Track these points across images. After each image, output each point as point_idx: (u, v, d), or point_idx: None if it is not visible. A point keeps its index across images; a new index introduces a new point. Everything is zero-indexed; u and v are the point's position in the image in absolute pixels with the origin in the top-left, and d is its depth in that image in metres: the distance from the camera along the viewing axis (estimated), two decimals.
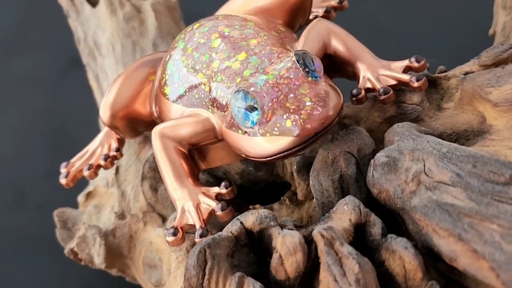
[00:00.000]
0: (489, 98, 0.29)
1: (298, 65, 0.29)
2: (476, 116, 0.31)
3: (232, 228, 0.29)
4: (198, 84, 0.33)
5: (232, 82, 0.31)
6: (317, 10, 0.42)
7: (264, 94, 0.29)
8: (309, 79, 0.29)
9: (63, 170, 0.39)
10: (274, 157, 0.29)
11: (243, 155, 0.31)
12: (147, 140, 0.41)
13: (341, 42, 0.34)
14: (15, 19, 0.69)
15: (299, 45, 0.34)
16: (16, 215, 0.56)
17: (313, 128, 0.28)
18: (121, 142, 0.39)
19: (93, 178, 0.39)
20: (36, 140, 0.61)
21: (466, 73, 0.34)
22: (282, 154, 0.29)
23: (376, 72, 0.33)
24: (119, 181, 0.41)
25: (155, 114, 0.36)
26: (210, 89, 0.32)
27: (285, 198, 0.37)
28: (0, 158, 0.59)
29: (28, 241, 0.54)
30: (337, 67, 0.35)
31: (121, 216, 0.40)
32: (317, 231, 0.26)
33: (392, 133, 0.31)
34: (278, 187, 0.40)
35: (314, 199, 0.33)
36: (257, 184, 0.40)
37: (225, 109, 0.31)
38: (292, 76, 0.29)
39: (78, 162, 0.40)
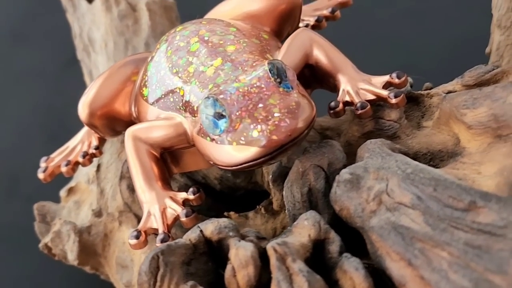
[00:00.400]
0: (464, 120, 0.29)
1: (270, 74, 0.29)
2: (451, 137, 0.30)
3: (191, 235, 0.28)
4: (174, 87, 0.32)
5: (205, 88, 0.30)
6: (309, 18, 0.41)
7: (234, 102, 0.28)
8: (281, 89, 0.29)
9: (42, 164, 0.39)
10: (240, 166, 0.29)
11: (211, 162, 0.30)
12: None
13: (324, 53, 0.34)
14: (21, 12, 0.69)
15: (280, 54, 0.33)
16: (8, 206, 0.56)
17: (279, 140, 0.28)
18: (101, 140, 0.39)
19: (71, 175, 0.39)
20: (34, 133, 0.61)
21: (449, 92, 0.33)
22: (248, 164, 0.28)
23: (356, 86, 0.33)
24: (100, 179, 0.41)
25: (134, 115, 0.36)
26: (184, 93, 0.32)
27: (260, 207, 0.37)
28: None
29: (17, 232, 0.54)
30: (318, 78, 0.34)
31: (98, 213, 0.40)
32: (270, 246, 0.26)
33: (363, 149, 0.30)
34: (259, 195, 0.39)
35: (286, 210, 0.32)
36: (237, 190, 0.40)
37: (196, 114, 0.30)
38: (263, 86, 0.29)
39: (57, 157, 0.40)
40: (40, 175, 0.39)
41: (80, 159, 0.38)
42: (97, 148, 0.39)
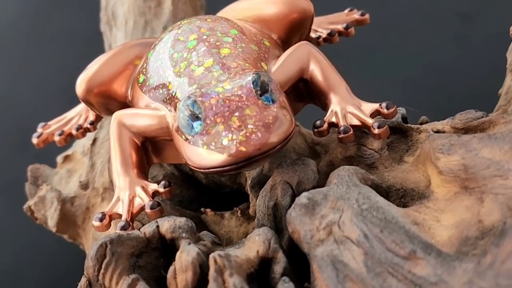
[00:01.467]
0: (437, 164, 0.28)
1: (252, 85, 0.29)
2: (425, 178, 0.30)
3: (147, 229, 0.29)
4: (165, 81, 0.33)
5: (190, 87, 0.31)
6: (322, 31, 0.41)
7: (212, 107, 0.28)
8: (260, 102, 0.29)
9: (39, 129, 0.40)
10: (207, 170, 0.29)
11: (183, 160, 0.31)
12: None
13: (320, 70, 0.33)
14: None
15: (276, 64, 0.33)
16: (17, 161, 0.57)
17: (247, 152, 0.28)
18: (98, 116, 0.40)
19: (62, 145, 0.40)
20: (55, 94, 0.62)
21: (437, 131, 0.32)
22: (214, 170, 0.29)
23: (344, 109, 0.32)
24: (93, 152, 0.42)
25: (129, 98, 0.37)
26: (171, 88, 0.32)
27: (237, 209, 0.37)
28: (15, 106, 0.61)
29: (18, 186, 0.55)
30: (311, 94, 0.34)
31: (84, 186, 0.41)
32: (212, 256, 0.26)
33: (334, 174, 0.30)
34: (245, 196, 0.40)
35: (256, 219, 0.32)
36: (222, 188, 0.40)
37: (178, 101, 0.31)
38: (243, 96, 0.29)
39: (54, 125, 0.40)
40: (34, 140, 0.40)
41: (74, 132, 0.39)
42: (92, 123, 0.39)
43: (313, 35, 0.40)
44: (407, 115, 0.35)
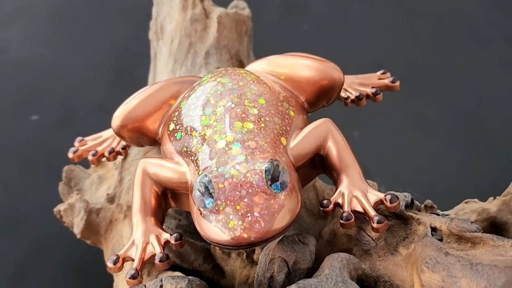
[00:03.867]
0: (421, 275, 0.31)
1: (264, 175, 0.31)
2: (410, 280, 0.32)
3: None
4: (191, 142, 0.35)
5: (210, 160, 0.33)
6: (351, 92, 0.42)
7: (225, 190, 0.31)
8: (269, 190, 0.31)
9: (76, 144, 0.43)
10: (212, 243, 0.32)
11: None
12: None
13: (336, 150, 0.35)
14: None
15: (296, 140, 0.35)
16: (60, 137, 0.61)
17: (248, 239, 0.30)
18: None
19: (95, 164, 0.43)
20: (101, 72, 0.65)
21: (434, 228, 0.34)
22: (218, 245, 0.31)
23: (351, 193, 0.35)
24: (123, 167, 0.45)
25: (159, 135, 0.39)
26: (195, 150, 0.35)
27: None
28: (62, 82, 0.64)
29: (59, 161, 0.59)
30: (324, 167, 0.36)
31: (110, 200, 0.44)
32: None
33: (328, 263, 0.32)
34: None
35: (255, 274, 0.35)
36: None
37: (198, 172, 0.33)
38: (254, 183, 0.31)
39: (89, 142, 0.43)
40: (70, 155, 0.43)
41: (106, 154, 0.42)
42: (124, 148, 0.42)
43: (342, 94, 0.42)
44: (414, 198, 0.37)
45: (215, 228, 0.31)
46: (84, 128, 0.61)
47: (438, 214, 0.36)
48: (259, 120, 0.35)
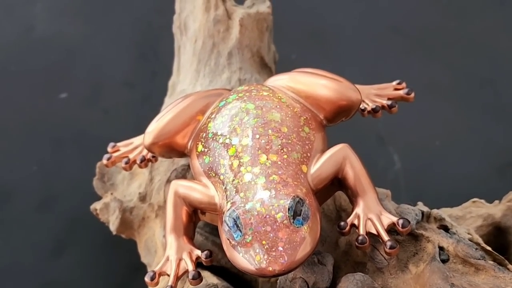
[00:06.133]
0: None
1: (287, 212, 0.34)
2: None
3: None
4: (219, 170, 0.38)
5: (237, 191, 0.36)
6: (368, 103, 0.45)
7: (252, 226, 0.34)
8: (292, 226, 0.34)
9: (109, 149, 0.46)
10: (240, 269, 0.35)
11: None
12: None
13: (353, 174, 0.38)
14: None
15: (315, 166, 0.38)
16: (87, 113, 0.64)
17: (273, 271, 0.34)
18: None
19: (127, 171, 0.46)
20: (125, 47, 0.67)
21: (441, 248, 0.38)
22: (245, 273, 0.35)
23: (366, 216, 0.38)
24: (153, 167, 0.48)
25: (187, 149, 0.42)
26: (223, 179, 0.38)
27: None
28: (85, 58, 0.66)
29: (91, 139, 0.62)
30: (342, 187, 0.39)
31: (142, 199, 0.47)
32: None
33: (344, 285, 0.36)
34: None
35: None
36: None
37: (226, 202, 0.36)
38: (279, 219, 0.34)
39: (122, 149, 0.46)
40: (104, 161, 0.46)
41: (138, 162, 0.45)
42: (154, 156, 0.45)
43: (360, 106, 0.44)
44: (424, 212, 0.40)
45: (243, 259, 0.34)
46: (111, 104, 0.64)
47: (446, 229, 0.39)
48: (282, 150, 0.38)
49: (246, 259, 0.34)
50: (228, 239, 0.35)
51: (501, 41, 0.72)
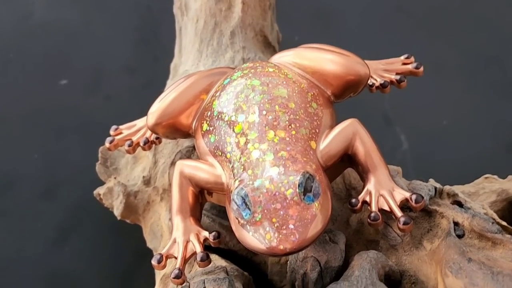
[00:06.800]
0: (445, 278, 0.33)
1: (297, 189, 0.33)
2: (435, 278, 0.35)
3: None
4: (225, 148, 0.37)
5: (244, 169, 0.35)
6: (376, 79, 0.43)
7: (261, 203, 0.33)
8: (302, 203, 0.33)
9: (111, 132, 0.45)
10: (249, 249, 0.34)
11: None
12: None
13: (363, 149, 0.37)
14: None
15: (325, 142, 0.37)
16: (88, 101, 0.63)
17: (284, 249, 0.32)
18: None
19: (131, 154, 0.45)
20: (125, 34, 0.66)
21: (456, 223, 0.37)
22: (255, 251, 0.34)
23: (378, 192, 0.37)
24: (157, 150, 0.47)
25: (192, 130, 0.41)
26: (230, 157, 0.37)
27: None
28: (85, 44, 0.65)
29: (93, 127, 0.61)
30: (352, 164, 0.38)
31: (146, 182, 0.46)
32: None
33: (358, 263, 0.35)
34: None
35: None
36: None
37: (233, 180, 0.35)
38: (289, 196, 0.33)
39: (124, 131, 0.45)
40: (107, 144, 0.45)
41: (142, 144, 0.44)
42: (157, 137, 0.44)
43: (369, 82, 0.43)
44: (437, 188, 0.39)
45: (253, 238, 0.33)
46: (112, 90, 0.63)
47: (460, 204, 0.38)
48: (290, 126, 0.37)
49: (256, 238, 0.33)
50: (237, 218, 0.34)
51: (506, 18, 0.70)
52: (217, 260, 0.41)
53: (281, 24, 0.55)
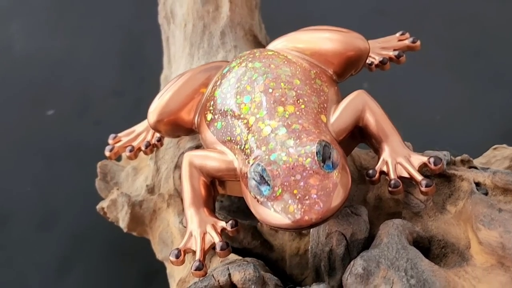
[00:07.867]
0: (478, 234, 0.32)
1: (316, 157, 0.32)
2: (465, 237, 0.34)
3: (220, 277, 0.34)
4: (234, 131, 0.36)
5: (258, 147, 0.34)
6: (374, 57, 0.43)
7: (280, 176, 0.32)
8: (322, 171, 0.32)
9: (110, 141, 0.44)
10: (273, 227, 0.33)
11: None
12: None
13: (374, 120, 0.36)
14: None
15: (335, 115, 0.36)
16: (77, 126, 0.61)
17: (310, 220, 0.31)
18: None
19: (132, 159, 0.44)
20: (109, 56, 0.65)
21: (478, 183, 0.36)
22: (279, 228, 0.33)
23: (395, 160, 0.36)
24: (158, 157, 0.46)
25: (195, 125, 0.40)
26: (240, 140, 0.35)
27: None
28: (69, 71, 0.64)
29: (83, 151, 0.60)
30: (364, 137, 0.37)
31: (150, 190, 0.45)
32: None
33: (385, 231, 0.34)
34: None
35: (310, 246, 0.37)
36: None
37: (248, 161, 0.34)
38: (307, 165, 0.32)
39: (124, 138, 0.44)
40: (107, 153, 0.43)
41: (143, 148, 0.43)
42: (159, 140, 0.43)
43: (367, 61, 0.43)
44: (453, 157, 0.38)
45: (275, 214, 0.32)
46: (101, 114, 0.62)
47: (476, 168, 0.38)
48: (298, 101, 0.36)
49: (279, 213, 0.32)
50: (255, 197, 0.33)
51: (486, 12, 0.71)
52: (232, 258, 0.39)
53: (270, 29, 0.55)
